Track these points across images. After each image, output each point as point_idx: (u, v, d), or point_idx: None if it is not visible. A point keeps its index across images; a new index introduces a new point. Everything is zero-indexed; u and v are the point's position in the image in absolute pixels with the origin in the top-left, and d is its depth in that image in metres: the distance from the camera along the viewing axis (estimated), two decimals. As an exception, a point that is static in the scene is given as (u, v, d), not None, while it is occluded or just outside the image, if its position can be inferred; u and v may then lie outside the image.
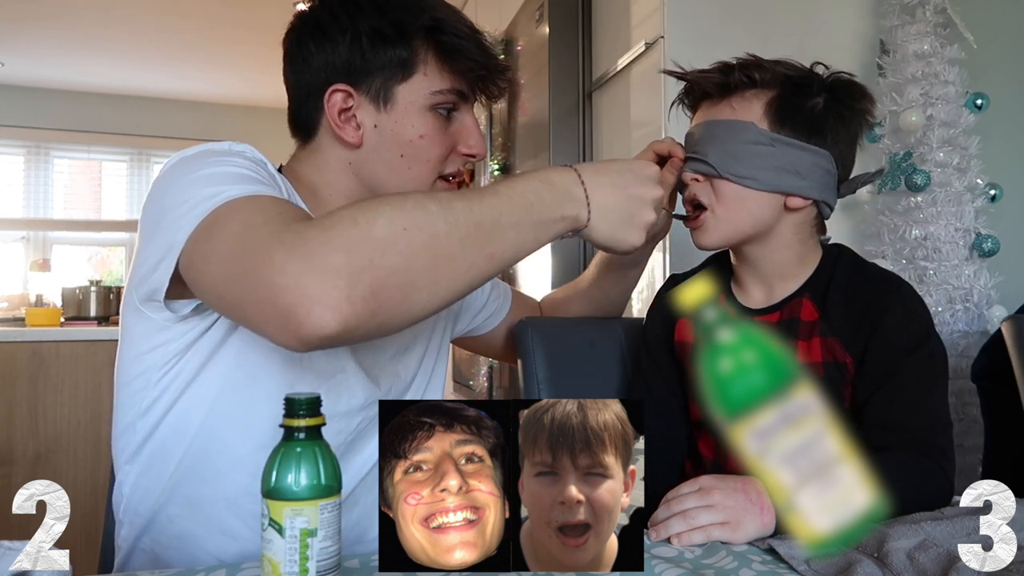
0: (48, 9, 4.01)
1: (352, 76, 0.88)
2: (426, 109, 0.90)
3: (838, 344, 0.98)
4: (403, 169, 0.91)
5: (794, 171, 0.99)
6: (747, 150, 0.99)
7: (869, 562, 0.69)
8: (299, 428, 0.59)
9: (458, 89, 0.91)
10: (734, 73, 1.02)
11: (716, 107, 1.04)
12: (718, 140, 1.01)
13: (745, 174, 0.99)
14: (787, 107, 1.00)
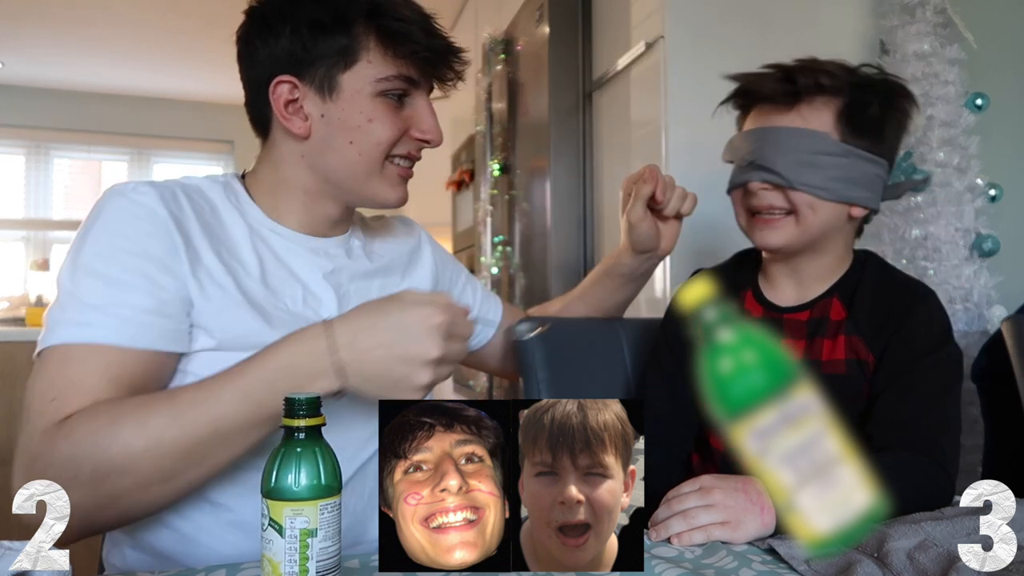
0: (48, 9, 4.01)
1: (296, 67, 0.88)
2: (373, 96, 0.89)
3: (862, 343, 1.00)
4: (353, 156, 0.90)
5: (861, 182, 1.01)
6: (820, 160, 0.99)
7: (869, 562, 0.69)
8: (299, 428, 0.59)
9: (405, 75, 0.90)
10: (799, 79, 1.00)
11: (782, 114, 1.02)
12: (789, 149, 0.99)
13: (819, 184, 0.99)
14: (856, 116, 1.00)
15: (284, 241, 0.93)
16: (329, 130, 0.89)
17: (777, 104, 1.02)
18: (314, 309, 0.92)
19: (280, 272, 0.91)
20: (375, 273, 1.01)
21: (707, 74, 1.21)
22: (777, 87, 1.02)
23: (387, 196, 0.94)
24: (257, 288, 0.88)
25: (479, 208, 3.14)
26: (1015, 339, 1.22)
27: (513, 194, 2.77)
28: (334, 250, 0.97)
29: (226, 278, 0.85)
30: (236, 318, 0.84)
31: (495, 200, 2.94)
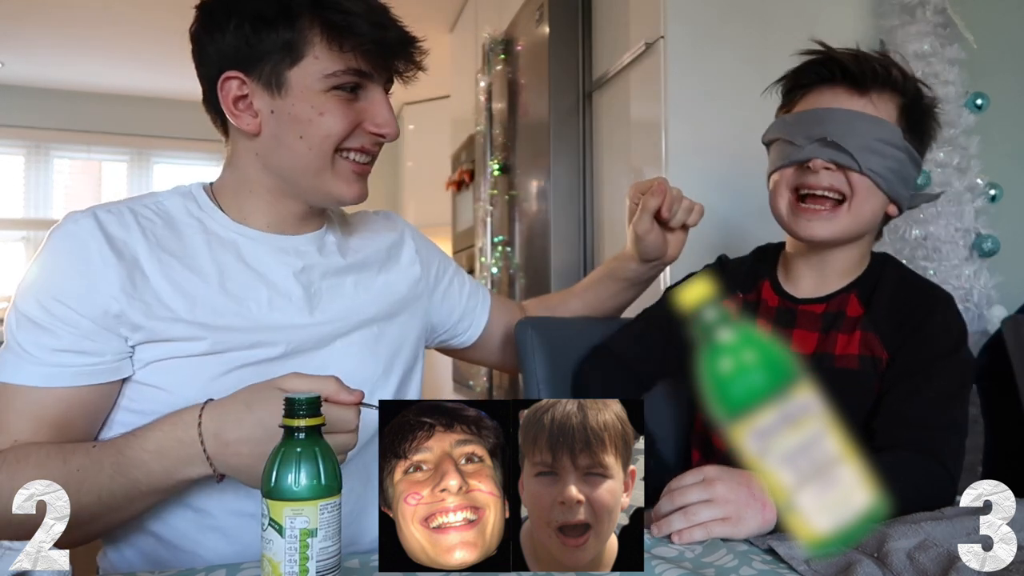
0: (48, 9, 4.01)
1: (242, 63, 0.86)
2: (323, 91, 0.86)
3: (877, 340, 1.00)
4: (304, 151, 0.88)
5: (908, 181, 1.03)
6: (885, 150, 0.98)
7: (869, 562, 0.69)
8: (299, 428, 0.59)
9: (355, 68, 0.87)
10: (875, 65, 1.00)
11: (853, 98, 1.00)
12: (858, 133, 0.98)
13: (881, 173, 0.99)
14: (916, 117, 1.02)
15: (251, 243, 0.92)
16: (279, 126, 0.87)
17: (849, 86, 1.00)
18: (282, 311, 0.90)
19: (243, 277, 0.90)
20: (348, 269, 0.99)
21: (707, 74, 1.21)
22: (854, 68, 1.00)
23: (341, 192, 0.91)
24: (215, 298, 0.87)
25: (479, 208, 3.14)
26: (1015, 339, 1.22)
27: (513, 194, 2.77)
28: (305, 247, 0.96)
29: (174, 296, 0.85)
30: (182, 334, 0.84)
31: (495, 200, 2.94)
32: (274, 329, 0.89)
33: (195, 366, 0.84)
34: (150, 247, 0.86)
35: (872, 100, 1.00)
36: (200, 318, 0.85)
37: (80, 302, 0.81)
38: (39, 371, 0.80)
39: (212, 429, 0.73)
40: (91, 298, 0.81)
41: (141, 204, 0.90)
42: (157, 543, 0.86)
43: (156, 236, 0.87)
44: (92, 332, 0.81)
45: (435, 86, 4.75)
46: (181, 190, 0.94)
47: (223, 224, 0.92)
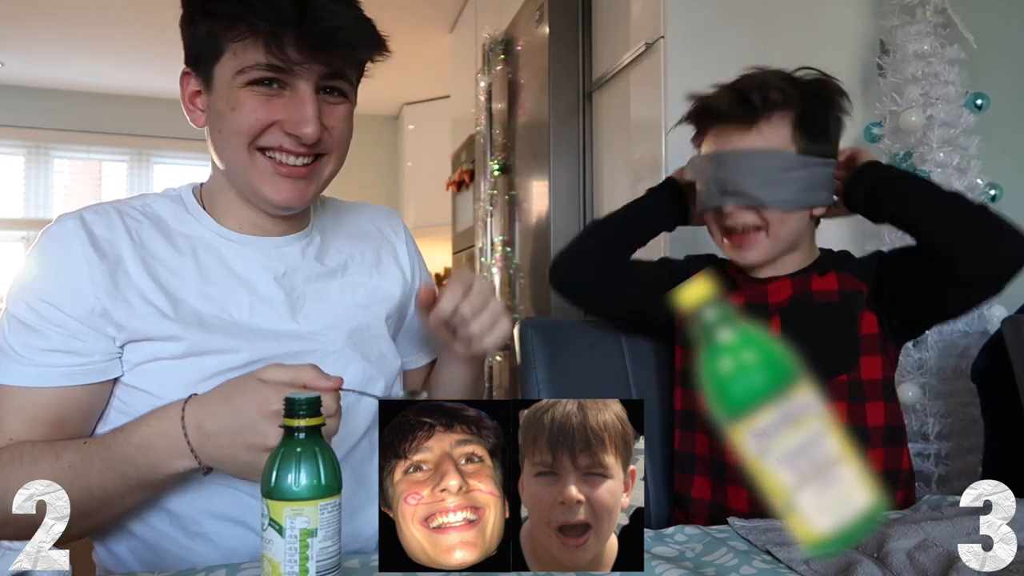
0: (48, 9, 4.01)
1: (189, 59, 0.88)
2: (241, 87, 0.84)
3: (851, 276, 1.10)
4: (224, 146, 0.87)
5: (819, 185, 1.08)
6: (785, 177, 1.05)
7: (869, 562, 0.69)
8: (299, 428, 0.59)
9: (267, 63, 0.82)
10: (752, 98, 1.05)
11: (743, 134, 1.07)
12: (755, 171, 1.05)
13: (786, 199, 1.06)
14: (809, 125, 1.07)
15: (235, 246, 0.92)
16: (212, 122, 0.87)
17: (736, 124, 1.07)
18: (263, 316, 0.90)
19: (225, 281, 0.90)
20: (335, 273, 0.98)
21: (707, 74, 1.21)
22: (734, 108, 1.07)
23: (268, 193, 0.87)
24: (196, 301, 0.87)
25: (479, 208, 3.14)
26: (1015, 339, 1.22)
27: (513, 194, 2.77)
28: (288, 249, 0.95)
29: (157, 294, 0.85)
30: (163, 332, 0.84)
31: (495, 200, 2.94)
32: (256, 334, 0.88)
33: (178, 369, 0.84)
34: (134, 247, 0.86)
35: (760, 130, 1.06)
36: (181, 318, 0.85)
37: (66, 302, 0.82)
38: (29, 371, 0.81)
39: (194, 421, 0.73)
40: (76, 297, 0.82)
41: (129, 205, 0.91)
42: (144, 547, 0.86)
43: (141, 237, 0.88)
44: (79, 332, 0.82)
45: (435, 86, 4.75)
46: (170, 193, 0.95)
47: (208, 227, 0.92)
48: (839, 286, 1.10)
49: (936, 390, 1.64)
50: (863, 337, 1.08)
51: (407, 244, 1.09)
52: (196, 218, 0.92)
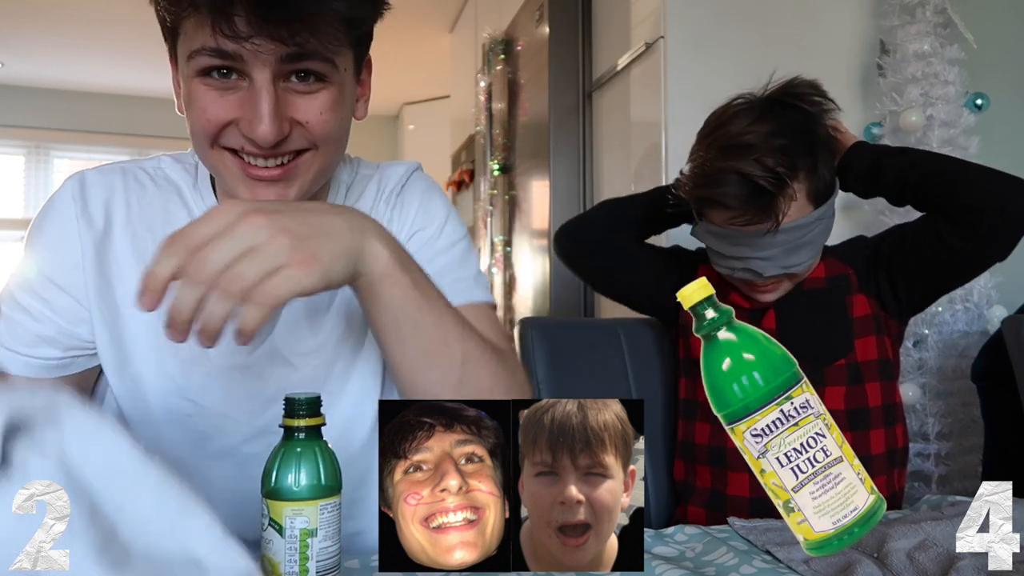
0: (48, 9, 4.01)
1: (166, 39, 0.76)
2: (192, 75, 0.71)
3: (836, 260, 1.11)
4: (192, 139, 0.76)
5: (829, 225, 1.10)
6: (806, 239, 1.05)
7: (869, 562, 0.69)
8: (299, 428, 0.59)
9: (213, 48, 0.67)
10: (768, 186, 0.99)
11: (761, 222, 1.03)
12: (782, 245, 1.04)
13: (810, 256, 1.07)
14: (817, 179, 1.05)
15: None
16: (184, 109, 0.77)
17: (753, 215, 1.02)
18: None
19: None
20: None
21: (707, 75, 1.22)
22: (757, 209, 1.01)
23: (243, 196, 0.75)
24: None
25: (479, 208, 3.14)
26: (1015, 339, 1.22)
27: (513, 194, 2.77)
28: None
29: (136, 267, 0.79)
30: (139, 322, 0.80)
31: (495, 200, 2.94)
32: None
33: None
34: (128, 214, 0.82)
35: (780, 208, 1.01)
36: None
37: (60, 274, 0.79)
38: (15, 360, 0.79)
39: None
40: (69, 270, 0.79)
41: (139, 166, 0.86)
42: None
43: (140, 204, 0.83)
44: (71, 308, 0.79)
45: (435, 86, 4.75)
46: (185, 159, 0.88)
47: (210, 204, 0.85)
48: (826, 272, 1.12)
49: (936, 390, 1.64)
50: (856, 320, 1.10)
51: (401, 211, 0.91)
52: (201, 193, 0.86)
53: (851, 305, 1.10)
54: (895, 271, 1.10)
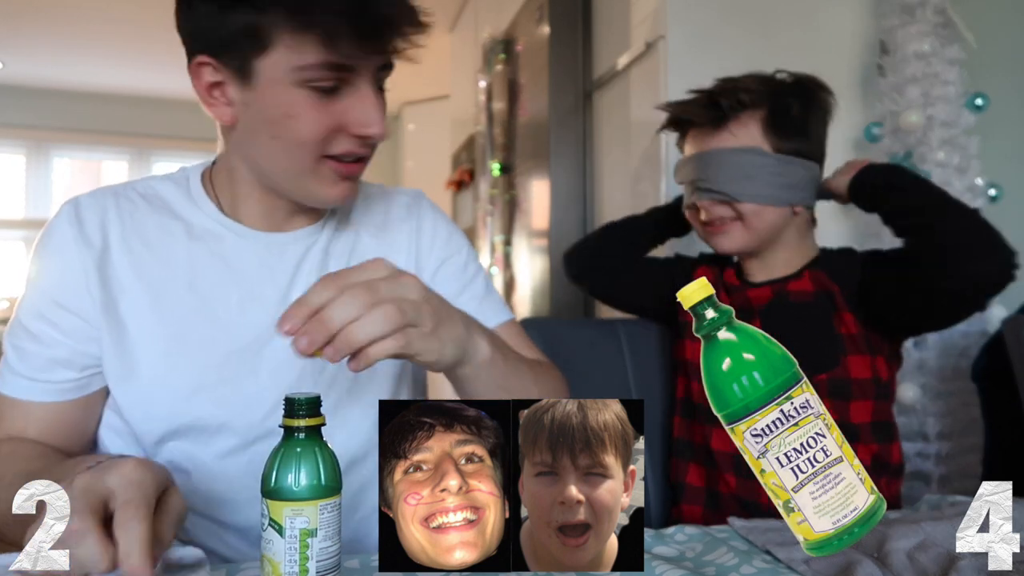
0: (48, 9, 4.01)
1: (212, 47, 0.76)
2: (293, 86, 0.75)
3: (824, 275, 1.11)
4: (279, 153, 0.79)
5: (796, 185, 1.11)
6: (756, 172, 1.09)
7: (869, 562, 0.69)
8: (299, 428, 0.59)
9: (331, 62, 0.74)
10: (723, 101, 1.11)
11: (715, 136, 1.12)
12: (727, 166, 1.10)
13: (758, 193, 1.10)
14: (780, 122, 1.10)
15: (237, 239, 0.87)
16: (252, 120, 0.78)
17: (708, 127, 1.13)
18: (255, 313, 0.85)
19: (216, 275, 0.85)
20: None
21: (707, 74, 1.22)
22: (704, 112, 1.13)
23: (324, 195, 0.82)
24: (182, 296, 0.83)
25: (479, 208, 3.14)
26: (1015, 339, 1.22)
27: (513, 194, 2.77)
28: (293, 247, 0.88)
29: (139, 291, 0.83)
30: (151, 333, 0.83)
31: (495, 200, 2.94)
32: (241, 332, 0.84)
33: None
34: (124, 232, 0.84)
35: (730, 130, 1.11)
36: (162, 315, 0.83)
37: (71, 302, 0.81)
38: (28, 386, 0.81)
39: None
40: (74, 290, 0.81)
41: (131, 188, 0.88)
42: None
43: (134, 221, 0.85)
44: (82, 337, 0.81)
45: (435, 86, 4.75)
46: (177, 176, 0.91)
47: (211, 215, 0.87)
48: (813, 287, 1.12)
49: (936, 390, 1.64)
50: (845, 337, 1.09)
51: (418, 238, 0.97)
52: (198, 204, 0.87)
53: (839, 321, 1.10)
54: (875, 298, 1.09)
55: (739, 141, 1.10)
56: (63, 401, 0.82)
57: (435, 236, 0.98)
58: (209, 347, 0.83)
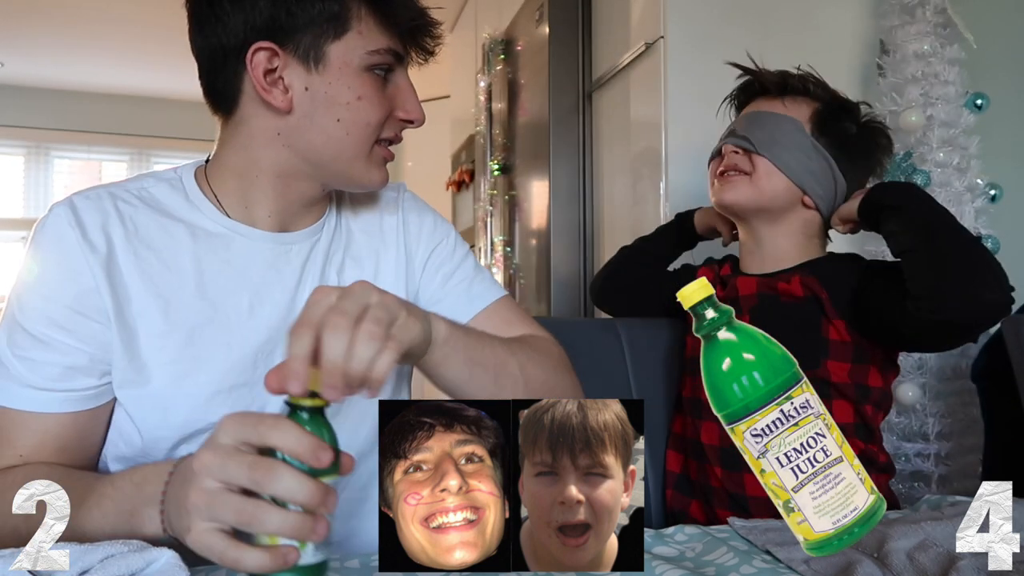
0: (48, 9, 4.01)
1: (277, 34, 0.79)
2: (362, 70, 0.82)
3: (815, 281, 1.11)
4: (340, 136, 0.83)
5: (818, 177, 1.13)
6: (789, 141, 1.13)
7: (869, 562, 0.69)
8: (302, 407, 0.59)
9: (394, 49, 0.83)
10: (792, 78, 1.17)
11: (769, 102, 1.18)
12: (765, 126, 1.15)
13: (780, 157, 1.13)
14: (828, 120, 1.14)
15: (244, 241, 0.86)
16: (314, 105, 0.81)
17: (769, 95, 1.19)
18: (265, 316, 0.85)
19: (225, 280, 0.84)
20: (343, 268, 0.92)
21: (707, 74, 1.23)
22: (773, 78, 1.19)
23: (372, 178, 0.87)
24: (192, 302, 0.82)
25: (479, 208, 3.14)
26: (1015, 339, 1.22)
27: (513, 194, 2.77)
28: (298, 247, 0.89)
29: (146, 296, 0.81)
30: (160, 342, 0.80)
31: (495, 200, 2.94)
32: (254, 335, 0.84)
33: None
34: (127, 236, 0.81)
35: (784, 103, 1.16)
36: (171, 324, 0.81)
37: (84, 307, 0.78)
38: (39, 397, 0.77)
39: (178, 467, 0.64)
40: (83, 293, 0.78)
41: (124, 188, 0.85)
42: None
43: (136, 223, 0.83)
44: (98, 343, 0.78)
45: (435, 86, 4.75)
46: (168, 176, 0.88)
47: (210, 216, 0.86)
48: (802, 292, 1.11)
49: (936, 390, 1.64)
50: (831, 342, 1.08)
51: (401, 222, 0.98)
52: (197, 206, 0.86)
53: (826, 327, 1.09)
54: (869, 313, 1.07)
55: (787, 111, 1.15)
56: (81, 411, 0.78)
57: (421, 227, 1.00)
58: (224, 352, 0.82)
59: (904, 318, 0.98)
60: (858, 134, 1.16)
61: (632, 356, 1.31)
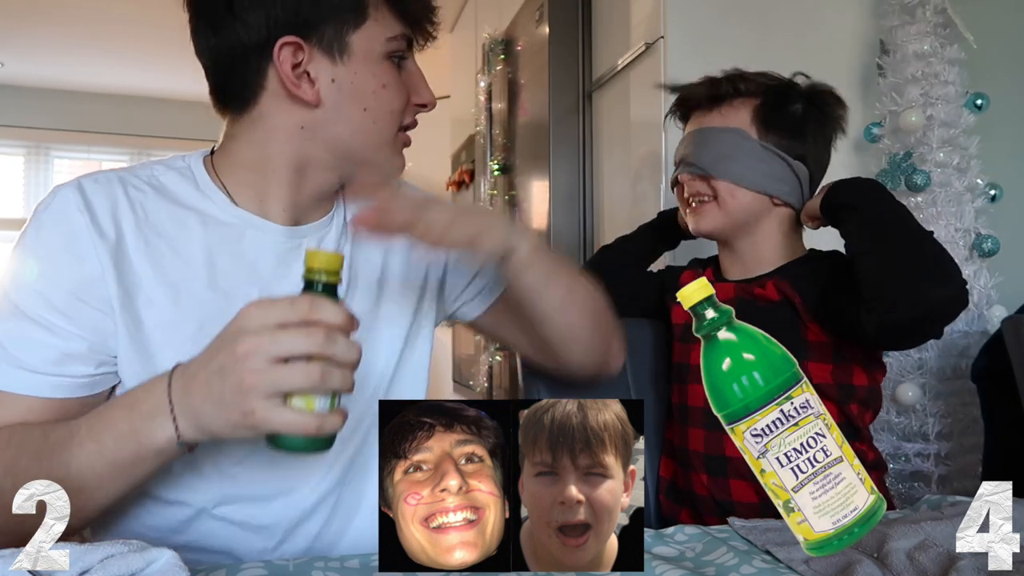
0: (48, 9, 4.01)
1: (301, 28, 0.79)
2: (383, 57, 0.83)
3: (788, 285, 1.10)
4: (367, 124, 0.84)
5: (779, 177, 1.12)
6: (737, 152, 1.11)
7: (869, 562, 0.69)
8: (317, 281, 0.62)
9: (406, 34, 0.85)
10: (721, 85, 1.15)
11: (707, 116, 1.16)
12: (710, 145, 1.13)
13: (735, 173, 1.11)
14: (771, 113, 1.12)
15: (256, 233, 0.85)
16: (341, 96, 0.82)
17: (703, 108, 1.17)
18: None
19: (236, 272, 0.83)
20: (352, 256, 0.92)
21: (707, 74, 1.22)
22: (702, 92, 1.17)
23: (394, 164, 0.91)
24: (203, 293, 0.81)
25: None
26: (1015, 339, 1.22)
27: (513, 194, 2.77)
28: (309, 239, 0.89)
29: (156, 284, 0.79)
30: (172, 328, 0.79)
31: (495, 200, 2.94)
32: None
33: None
34: (137, 223, 0.80)
35: (721, 112, 1.15)
36: (183, 311, 0.79)
37: (86, 292, 0.76)
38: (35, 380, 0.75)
39: (179, 369, 0.66)
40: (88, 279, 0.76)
41: (134, 175, 0.84)
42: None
43: (146, 210, 0.81)
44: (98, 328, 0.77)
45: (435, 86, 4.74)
46: (178, 164, 0.87)
47: (223, 208, 0.85)
48: (777, 295, 1.10)
49: (936, 390, 1.64)
50: (811, 344, 1.07)
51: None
52: (208, 195, 0.85)
53: (804, 329, 1.08)
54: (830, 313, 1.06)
55: (727, 122, 1.13)
56: (71, 399, 0.76)
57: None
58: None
59: (860, 319, 0.98)
60: (805, 111, 1.14)
61: (631, 356, 1.31)
